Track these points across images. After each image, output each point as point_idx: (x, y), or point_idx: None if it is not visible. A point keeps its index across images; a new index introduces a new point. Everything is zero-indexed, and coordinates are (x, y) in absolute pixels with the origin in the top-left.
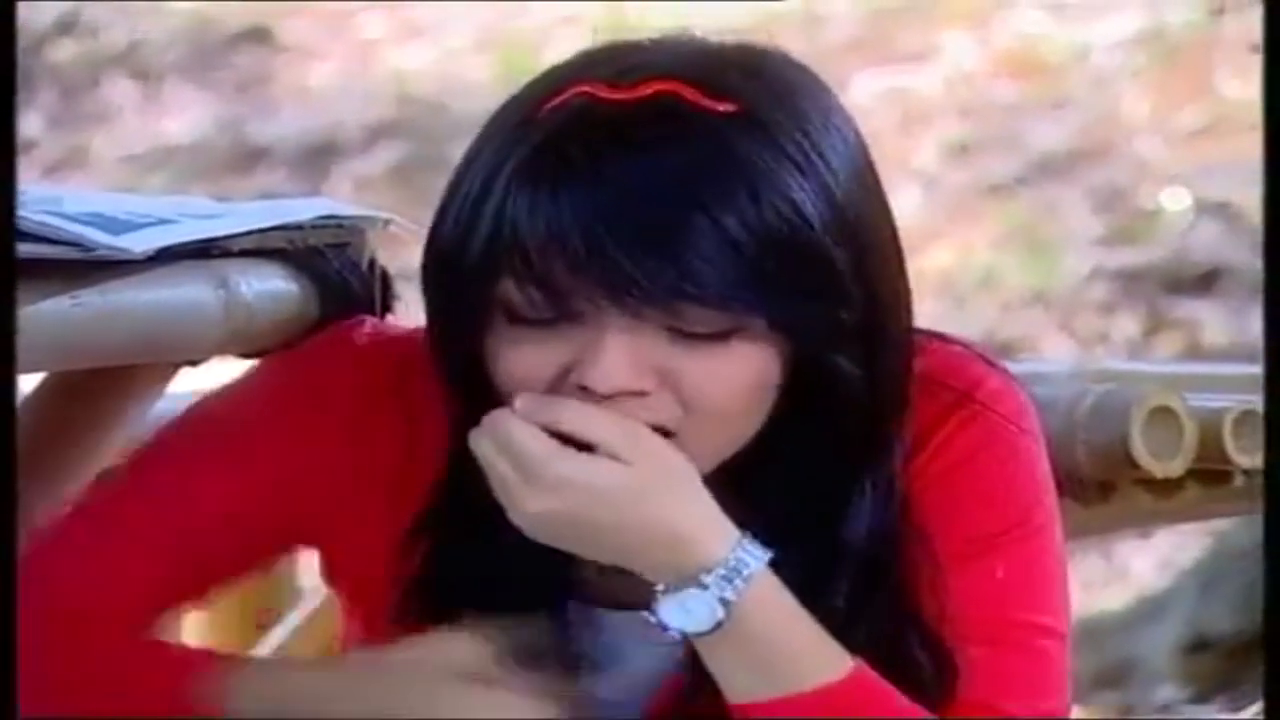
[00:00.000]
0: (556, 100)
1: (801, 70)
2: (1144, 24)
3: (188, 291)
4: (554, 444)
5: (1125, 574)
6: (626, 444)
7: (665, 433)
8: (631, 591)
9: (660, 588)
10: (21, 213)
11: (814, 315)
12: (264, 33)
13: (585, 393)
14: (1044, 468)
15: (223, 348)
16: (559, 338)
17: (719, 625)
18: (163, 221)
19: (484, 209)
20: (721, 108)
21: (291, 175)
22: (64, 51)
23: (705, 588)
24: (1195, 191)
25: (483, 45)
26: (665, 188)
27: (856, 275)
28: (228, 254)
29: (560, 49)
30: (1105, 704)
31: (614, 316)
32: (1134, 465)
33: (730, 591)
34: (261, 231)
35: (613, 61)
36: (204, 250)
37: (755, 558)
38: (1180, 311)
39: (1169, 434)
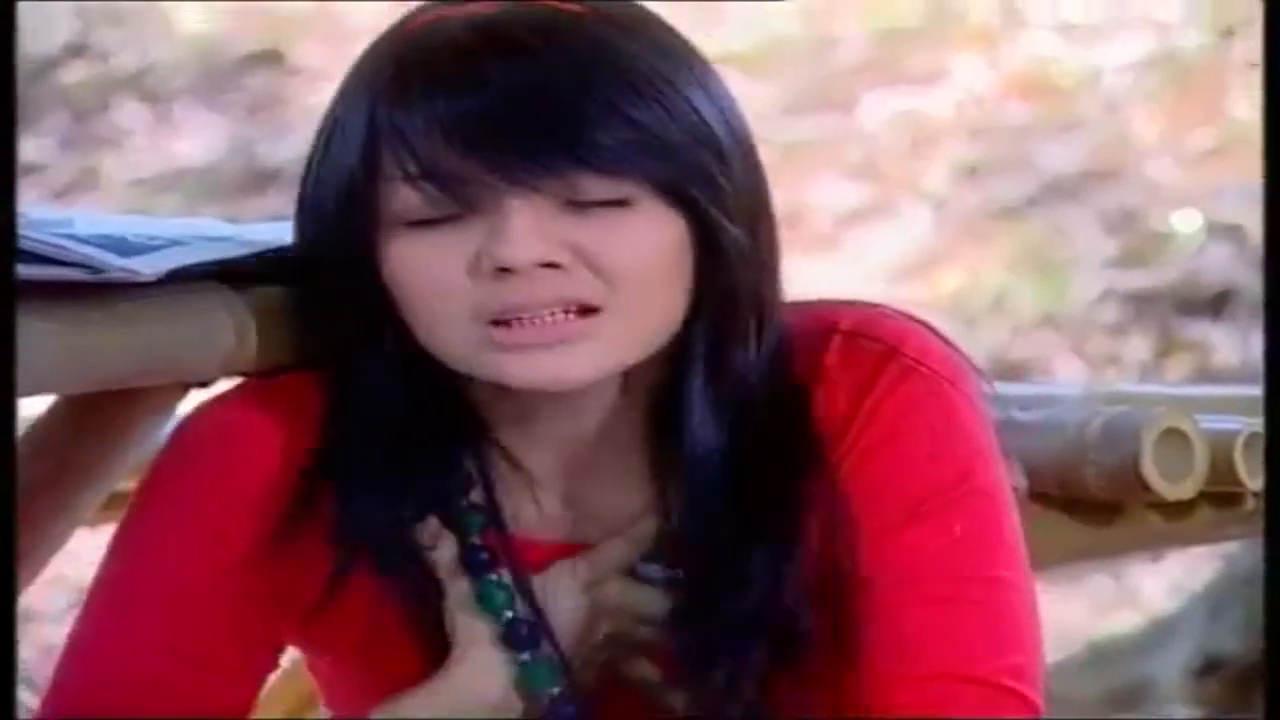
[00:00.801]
0: (410, 27)
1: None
2: (1154, 46)
3: (198, 313)
4: None
5: (1136, 596)
6: None
7: (590, 309)
8: (562, 529)
9: None
10: (32, 234)
11: (698, 176)
12: (275, 55)
13: (504, 275)
14: (983, 422)
15: (232, 369)
16: (463, 231)
17: None
18: (173, 243)
19: (356, 123)
20: (571, 7)
21: None
22: (74, 74)
23: None
24: (1206, 213)
25: None
26: (538, 66)
27: (733, 146)
28: (238, 275)
29: None
30: None
31: (511, 195)
32: (1145, 487)
33: None
34: (272, 253)
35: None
36: (215, 272)
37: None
38: (1191, 333)
39: (1180, 456)
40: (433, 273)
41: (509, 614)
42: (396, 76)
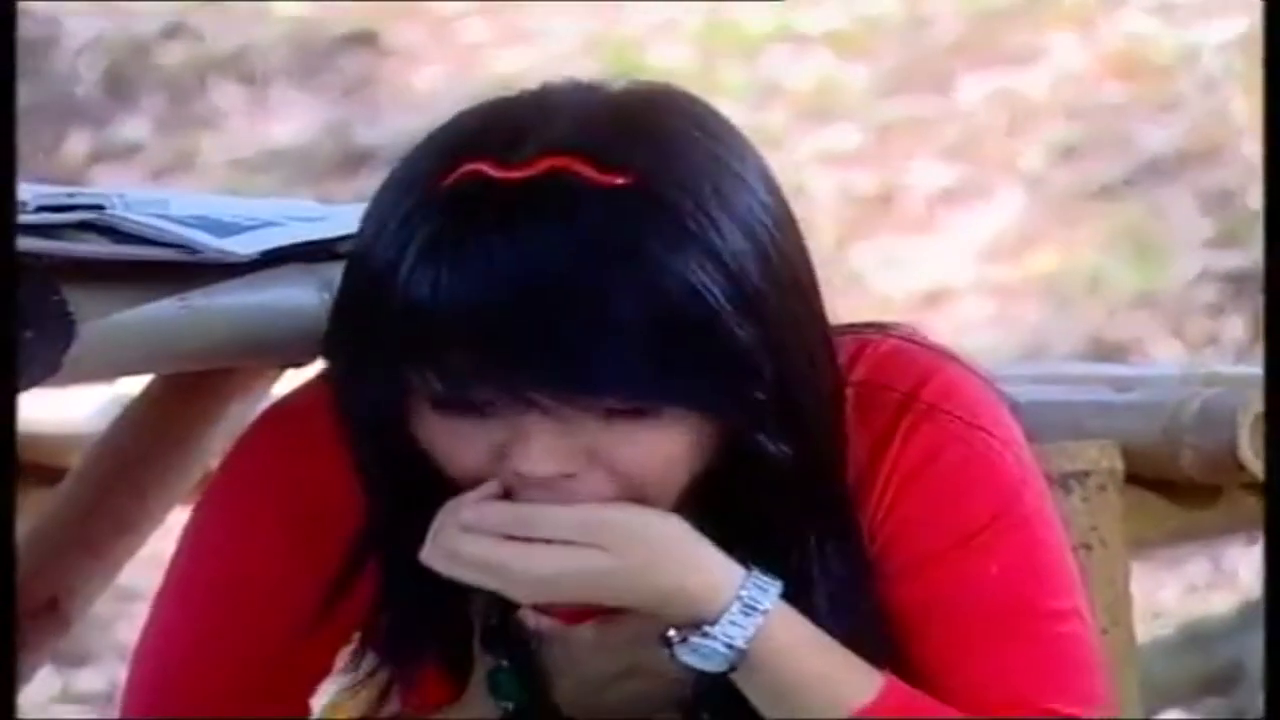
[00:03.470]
0: (450, 179)
1: (704, 120)
2: (1253, 25)
3: (292, 294)
4: (523, 548)
5: (1234, 579)
6: (600, 535)
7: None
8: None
9: (672, 634)
10: (129, 215)
11: (725, 396)
12: (370, 37)
13: (522, 477)
14: (1011, 458)
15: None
16: (487, 422)
17: (733, 666)
18: (268, 224)
19: (392, 292)
20: (616, 181)
21: None
22: (171, 56)
23: (713, 636)
24: None
25: (586, 49)
26: (554, 277)
27: (766, 349)
28: (333, 256)
29: (663, 53)
30: (1212, 709)
31: (532, 411)
32: (1241, 469)
33: (739, 636)
34: None
35: (500, 131)
36: (309, 253)
37: (764, 593)
38: None
39: None
40: (457, 457)
41: (509, 705)
42: (430, 247)
